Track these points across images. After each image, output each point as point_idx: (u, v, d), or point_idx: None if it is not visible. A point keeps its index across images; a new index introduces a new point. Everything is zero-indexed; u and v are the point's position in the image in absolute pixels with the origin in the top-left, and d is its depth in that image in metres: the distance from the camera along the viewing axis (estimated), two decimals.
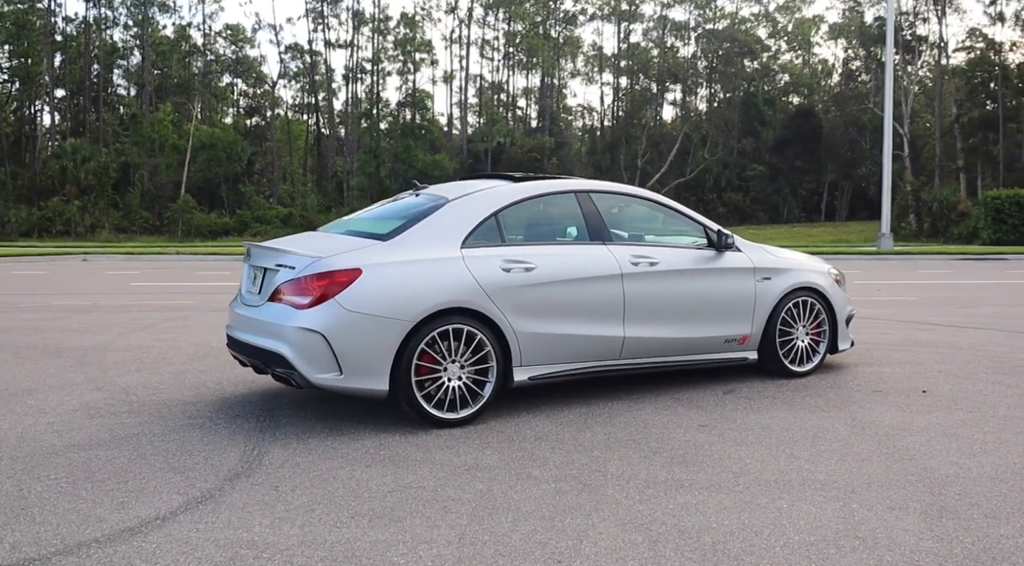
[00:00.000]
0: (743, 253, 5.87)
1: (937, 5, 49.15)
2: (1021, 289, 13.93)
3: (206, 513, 3.45)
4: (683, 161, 62.64)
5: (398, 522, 3.37)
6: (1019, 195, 28.99)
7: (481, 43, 63.74)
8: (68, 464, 4.10)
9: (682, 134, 62.68)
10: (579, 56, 69.21)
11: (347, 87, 61.62)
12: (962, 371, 6.31)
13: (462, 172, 56.75)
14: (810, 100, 66.64)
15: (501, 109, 64.71)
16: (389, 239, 4.81)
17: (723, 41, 64.27)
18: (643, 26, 67.31)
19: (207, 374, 6.30)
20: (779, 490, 3.74)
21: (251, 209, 50.84)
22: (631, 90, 67.60)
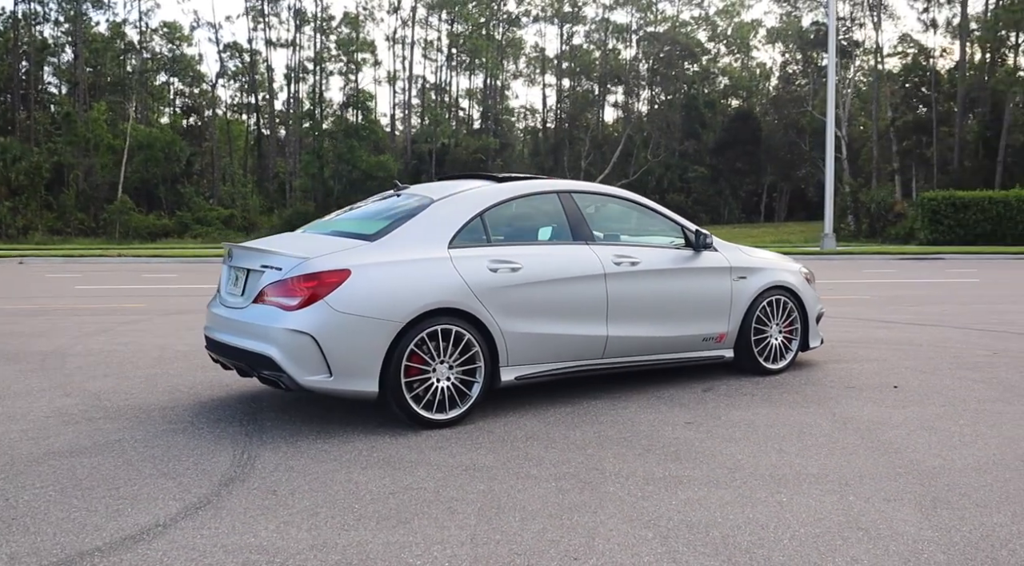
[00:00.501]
0: (719, 253, 5.96)
1: (873, 11, 50.52)
2: (962, 287, 14.41)
3: (207, 519, 3.38)
4: (626, 163, 63.31)
5: (405, 524, 3.34)
6: (955, 196, 29.98)
7: (424, 44, 63.51)
8: (52, 472, 3.97)
9: (625, 136, 63.38)
10: (521, 58, 69.44)
11: (289, 87, 60.86)
12: (927, 367, 6.51)
13: (406, 173, 56.39)
14: (749, 103, 67.96)
15: (444, 110, 64.52)
16: (376, 239, 4.77)
17: (664, 44, 65.11)
18: (585, 28, 67.86)
19: (179, 378, 6.16)
20: (776, 484, 3.81)
21: (191, 210, 49.82)
22: (573, 92, 68.04)
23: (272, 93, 61.55)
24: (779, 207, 63.16)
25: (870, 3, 51.70)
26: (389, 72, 62.61)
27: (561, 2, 65.65)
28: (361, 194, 52.97)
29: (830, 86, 27.73)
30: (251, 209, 52.64)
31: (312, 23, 59.35)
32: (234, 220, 50.91)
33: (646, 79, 67.76)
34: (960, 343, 7.73)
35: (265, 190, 57.46)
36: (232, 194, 54.33)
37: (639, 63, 68.06)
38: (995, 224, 29.29)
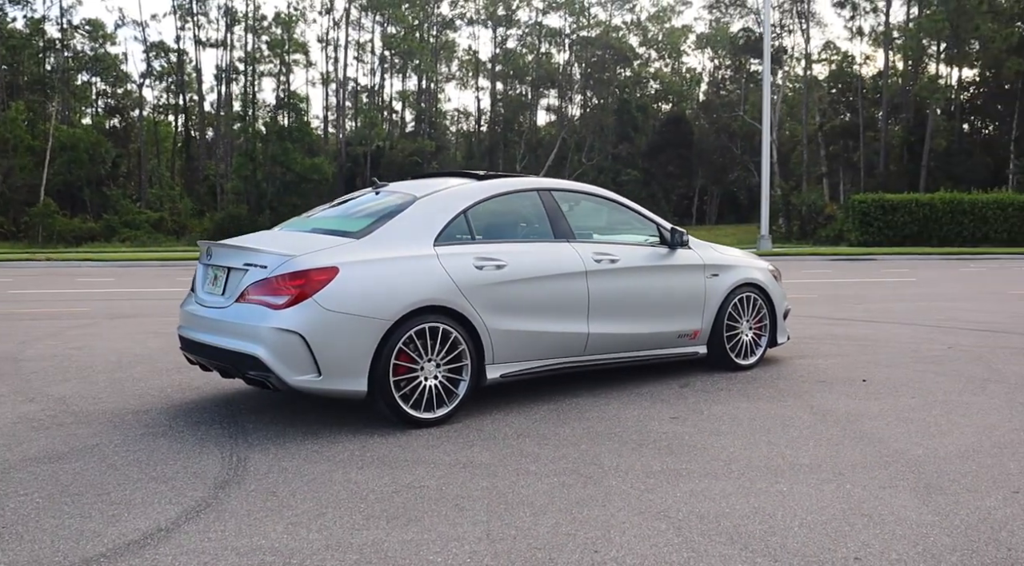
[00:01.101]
0: (693, 251, 6.05)
1: (801, 19, 51.93)
2: (900, 286, 14.91)
3: (211, 522, 3.29)
4: (561, 165, 63.79)
5: (416, 522, 3.30)
6: (884, 199, 30.99)
7: (357, 46, 62.92)
8: (34, 478, 3.81)
9: (560, 139, 63.85)
10: (454, 61, 69.31)
11: (219, 88, 59.60)
12: (889, 361, 6.70)
13: (341, 176, 55.79)
14: (680, 107, 69.13)
15: (378, 113, 64.00)
16: (362, 237, 4.71)
17: (596, 48, 65.82)
18: (518, 31, 68.11)
19: (145, 382, 5.97)
20: (772, 475, 3.88)
21: (119, 213, 48.37)
22: (506, 95, 68.25)
23: (201, 94, 60.21)
24: (710, 210, 64.39)
25: (798, 11, 53.16)
26: (322, 74, 61.71)
27: (495, 5, 65.77)
28: (296, 197, 52.49)
29: (765, 93, 28.40)
30: (181, 212, 51.38)
31: (243, 23, 58.27)
32: (164, 224, 49.60)
33: (579, 83, 68.37)
34: (914, 339, 7.99)
35: (195, 193, 56.12)
36: (160, 197, 52.96)
37: (572, 67, 68.66)
38: (922, 226, 30.38)
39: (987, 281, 16.24)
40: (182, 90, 60.53)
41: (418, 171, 55.27)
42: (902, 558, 2.96)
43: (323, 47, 61.52)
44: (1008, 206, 30.19)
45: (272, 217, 50.31)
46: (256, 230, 28.86)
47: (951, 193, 31.30)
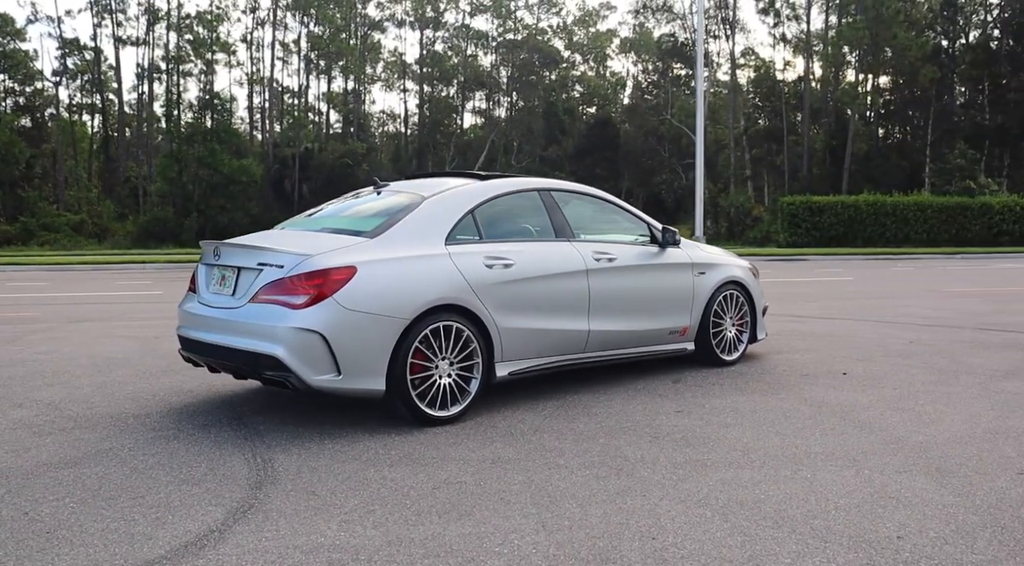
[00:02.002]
0: (681, 249, 6.21)
1: (725, 24, 53.20)
2: (839, 285, 15.47)
3: (261, 522, 3.27)
4: (490, 168, 64.00)
5: (468, 516, 3.34)
6: (811, 201, 32.05)
7: (284, 46, 61.95)
8: (58, 484, 3.72)
9: (489, 141, 64.03)
10: (380, 62, 68.81)
11: (140, 87, 57.95)
12: (861, 356, 6.99)
13: (269, 178, 54.82)
14: (607, 110, 70.10)
15: (305, 114, 63.09)
16: (375, 236, 4.71)
17: (523, 51, 66.25)
18: (445, 33, 68.03)
19: (133, 385, 5.83)
20: (792, 463, 4.04)
21: (36, 216, 46.61)
22: (433, 97, 68.09)
23: (121, 94, 58.38)
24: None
25: (723, 17, 54.46)
26: (249, 74, 60.56)
27: (423, 7, 65.58)
28: (224, 199, 51.34)
29: (699, 99, 29.02)
30: (103, 215, 49.79)
31: (165, 21, 56.73)
32: (85, 226, 48.00)
33: (506, 86, 68.68)
34: (875, 334, 8.33)
35: (116, 195, 54.38)
36: (79, 199, 51.17)
37: (498, 70, 68.92)
38: (847, 227, 31.51)
39: (919, 279, 16.96)
40: (100, 89, 58.60)
41: (349, 173, 54.76)
42: (940, 536, 3.13)
43: (248, 47, 60.31)
44: (927, 208, 31.56)
45: (200, 220, 49.16)
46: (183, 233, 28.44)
47: (874, 195, 32.56)
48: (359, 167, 55.88)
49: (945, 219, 31.50)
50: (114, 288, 15.55)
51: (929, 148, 45.18)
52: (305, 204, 55.62)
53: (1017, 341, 7.77)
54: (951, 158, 40.12)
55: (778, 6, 50.54)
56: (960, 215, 31.50)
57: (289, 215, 49.21)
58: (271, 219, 53.06)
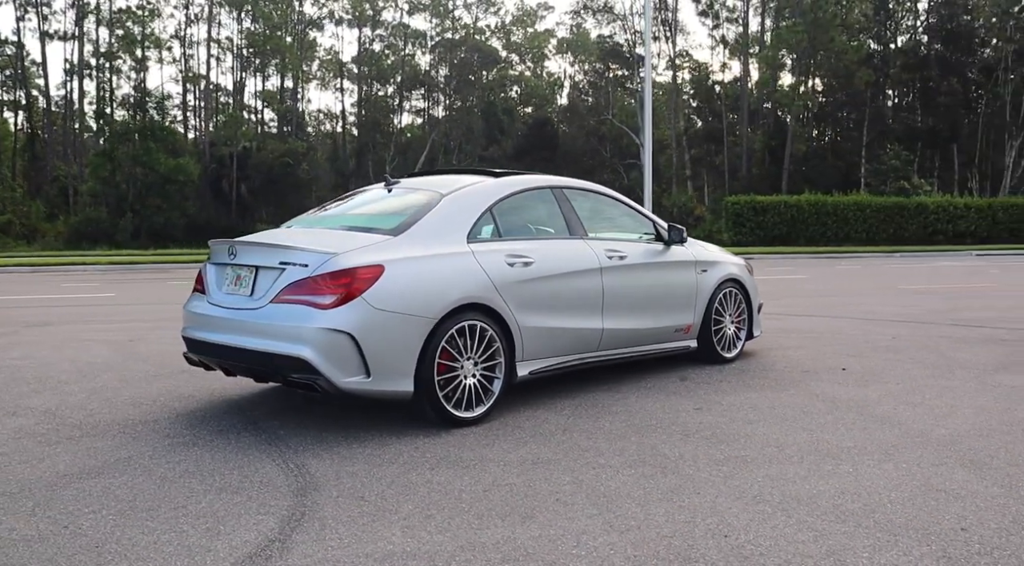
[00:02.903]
0: (685, 247, 6.22)
1: (666, 26, 53.91)
2: (797, 283, 15.81)
3: (320, 530, 3.15)
4: (431, 168, 63.76)
5: (531, 518, 3.28)
6: (755, 201, 32.67)
7: (217, 43, 60.67)
8: (87, 495, 3.53)
9: (430, 141, 63.69)
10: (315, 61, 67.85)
11: (70, 83, 56.10)
12: (851, 352, 7.12)
13: (206, 177, 53.60)
14: (546, 110, 70.43)
15: (242, 112, 61.87)
16: (399, 234, 4.60)
17: (461, 51, 66.12)
18: (382, 32, 67.41)
19: (127, 391, 5.60)
20: (830, 458, 4.07)
21: None
22: (371, 96, 67.42)
23: (48, 90, 56.43)
24: None
25: (663, 19, 55.19)
26: (184, 71, 59.10)
27: (361, 5, 64.90)
28: (159, 199, 49.97)
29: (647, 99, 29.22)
30: (31, 215, 48.01)
31: (94, 15, 54.96)
32: (12, 227, 46.21)
33: (444, 85, 68.41)
34: (855, 331, 8.50)
35: (44, 195, 52.50)
36: (3, 199, 49.23)
37: (435, 69, 68.63)
38: (790, 226, 32.21)
39: (869, 277, 17.41)
40: (23, 85, 56.47)
41: (289, 173, 53.88)
42: (1002, 527, 3.18)
43: (181, 43, 58.87)
44: (866, 208, 32.46)
45: (135, 220, 47.79)
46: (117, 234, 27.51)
47: (816, 196, 33.36)
48: (299, 167, 54.99)
49: (883, 219, 32.44)
50: (61, 291, 14.99)
51: (864, 149, 46.50)
52: (243, 204, 54.58)
53: (993, 336, 8.00)
54: (885, 159, 41.36)
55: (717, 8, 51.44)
56: (897, 215, 32.48)
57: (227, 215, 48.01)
58: (208, 219, 52.08)
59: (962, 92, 46.50)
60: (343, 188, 63.30)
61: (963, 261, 24.69)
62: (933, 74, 46.29)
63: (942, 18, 47.68)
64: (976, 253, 28.37)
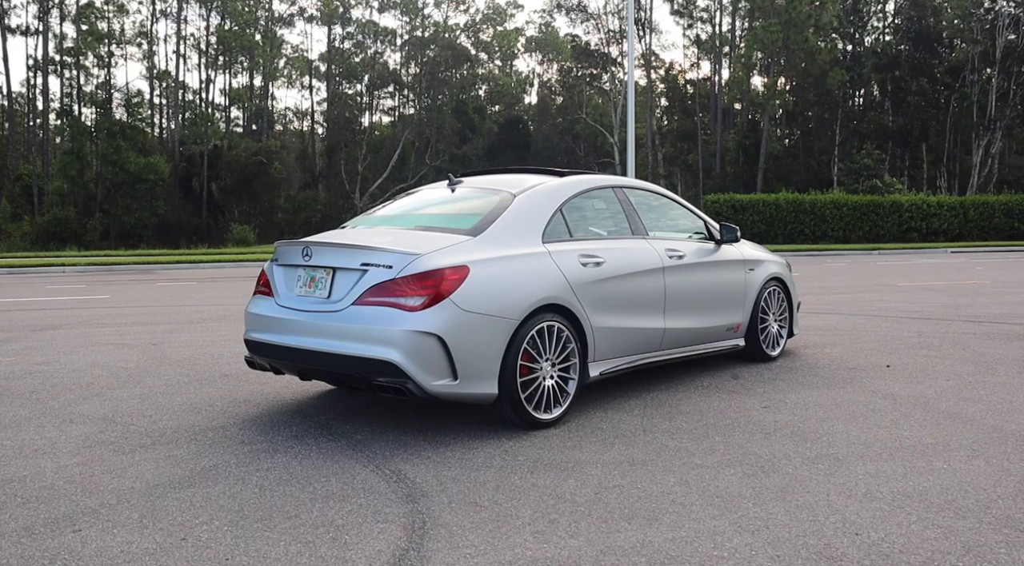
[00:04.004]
0: (733, 246, 6.24)
1: (639, 25, 54.13)
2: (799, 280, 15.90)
3: (450, 538, 3.10)
4: (403, 167, 63.46)
5: (656, 521, 3.26)
6: (734, 199, 32.94)
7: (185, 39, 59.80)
8: (190, 506, 3.44)
9: (402, 140, 63.36)
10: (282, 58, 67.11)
11: (34, 80, 54.92)
12: (887, 349, 7.19)
13: (176, 176, 52.85)
14: (516, 109, 70.46)
15: (213, 111, 61.05)
16: (478, 234, 4.55)
17: (431, 49, 65.88)
18: (353, 29, 66.90)
19: (180, 396, 5.48)
20: (919, 455, 4.09)
21: None
22: (340, 94, 66.90)
23: (9, 87, 55.23)
24: None
25: (636, 18, 55.43)
26: (150, 68, 58.14)
27: (332, 3, 64.36)
28: (129, 199, 49.18)
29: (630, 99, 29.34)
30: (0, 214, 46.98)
31: (59, 10, 53.88)
32: None
33: (415, 84, 68.07)
34: (877, 328, 8.59)
35: (8, 194, 51.36)
36: None
37: (407, 68, 68.28)
38: (768, 224, 32.52)
39: (862, 275, 17.62)
40: None
41: (262, 172, 53.24)
42: None
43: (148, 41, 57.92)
44: (843, 206, 32.89)
45: (104, 220, 46.99)
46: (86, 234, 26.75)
47: (793, 194, 33.71)
48: (272, 165, 54.38)
49: (859, 217, 32.90)
50: (49, 293, 14.64)
51: (837, 148, 47.12)
52: (215, 203, 53.86)
53: (1013, 332, 8.13)
54: (858, 158, 41.96)
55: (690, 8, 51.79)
56: (873, 213, 32.95)
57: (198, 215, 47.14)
58: (178, 219, 51.37)
59: (931, 92, 47.36)
60: (312, 187, 62.79)
61: (942, 258, 25.12)
62: (903, 74, 47.08)
63: (910, 20, 48.48)
64: (951, 250, 28.88)
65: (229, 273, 20.17)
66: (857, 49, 51.36)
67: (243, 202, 53.28)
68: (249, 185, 52.76)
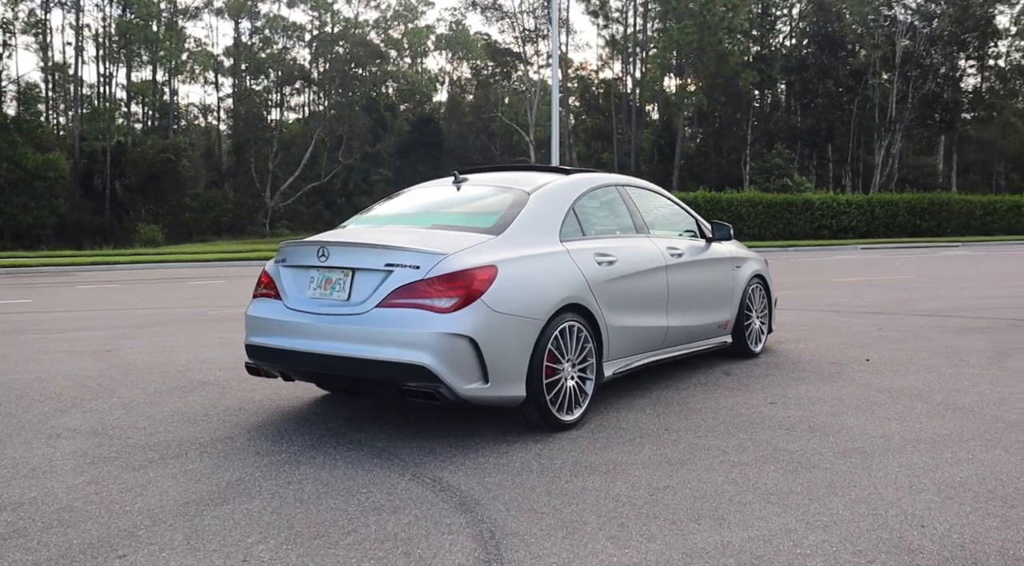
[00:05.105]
0: (722, 244, 6.29)
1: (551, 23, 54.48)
2: None
3: (526, 547, 3.01)
4: (317, 165, 62.35)
5: (724, 520, 3.24)
6: None
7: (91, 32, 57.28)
8: (232, 523, 3.24)
9: (314, 138, 62.18)
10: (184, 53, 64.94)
11: None
12: (857, 342, 7.38)
13: (76, 174, 50.51)
14: (429, 107, 70.11)
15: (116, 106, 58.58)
16: (500, 233, 4.44)
17: (340, 45, 64.91)
18: (261, 24, 65.25)
19: (166, 405, 5.18)
20: (940, 446, 4.19)
21: None
22: (248, 90, 65.20)
23: None
24: None
25: (549, 17, 55.80)
26: (49, 61, 55.40)
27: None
28: (27, 197, 46.68)
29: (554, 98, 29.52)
30: None
31: None
32: None
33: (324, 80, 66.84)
34: (838, 323, 8.83)
35: None
36: None
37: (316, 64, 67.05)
38: None
39: (793, 271, 18.14)
40: None
41: (170, 169, 51.32)
42: None
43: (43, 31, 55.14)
44: (759, 204, 33.84)
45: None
46: None
47: (710, 192, 34.48)
48: (180, 163, 52.50)
49: (773, 215, 33.91)
50: None
51: (749, 148, 48.50)
52: (119, 203, 51.71)
53: (966, 325, 8.47)
54: (769, 157, 43.30)
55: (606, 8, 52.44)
56: (786, 211, 34.03)
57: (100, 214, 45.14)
58: (79, 219, 49.11)
59: (836, 94, 49.24)
60: (219, 186, 60.96)
61: (854, 255, 26.10)
62: (810, 77, 48.82)
63: (815, 24, 50.29)
64: (861, 247, 30.05)
65: (149, 275, 19.38)
66: (763, 51, 52.97)
67: (150, 201, 51.36)
68: (156, 183, 50.88)
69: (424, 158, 63.69)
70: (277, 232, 56.43)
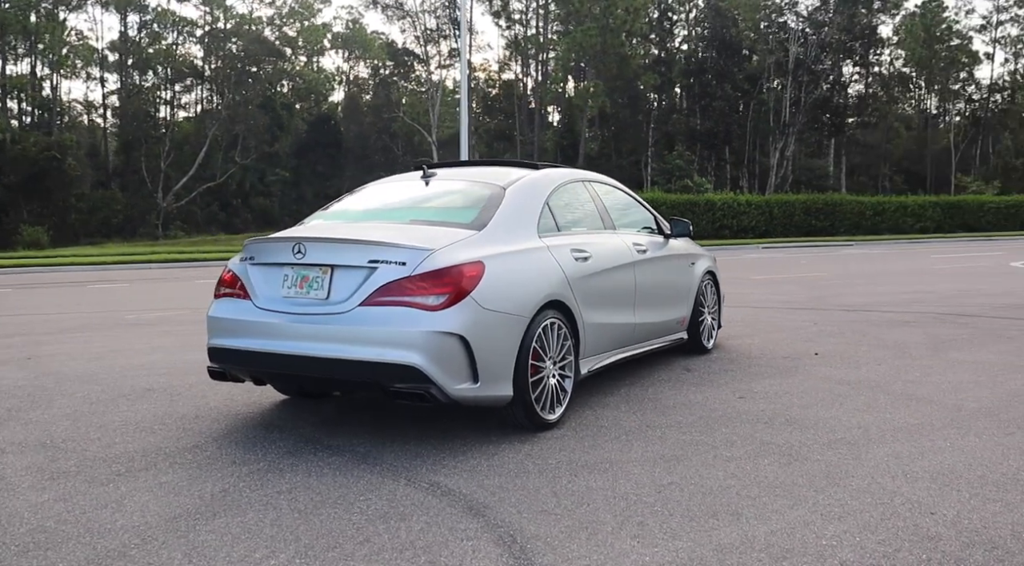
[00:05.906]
0: (680, 240, 6.32)
1: (455, 24, 54.35)
2: None
3: (553, 550, 2.91)
4: (212, 164, 60.44)
5: (739, 514, 3.22)
6: None
7: None
8: (232, 538, 3.03)
9: (209, 136, 60.18)
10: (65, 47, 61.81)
11: None
12: (798, 338, 7.55)
13: None
14: (326, 107, 68.94)
15: None
16: (482, 228, 4.31)
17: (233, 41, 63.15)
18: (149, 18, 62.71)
19: (114, 415, 4.83)
20: (918, 435, 4.30)
21: None
22: (135, 87, 62.58)
23: None
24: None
25: (451, 17, 55.65)
26: None
27: None
28: None
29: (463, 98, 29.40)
30: None
31: None
32: None
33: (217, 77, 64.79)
34: (773, 318, 9.04)
35: None
36: None
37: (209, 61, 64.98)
38: None
39: None
40: None
41: (56, 168, 48.67)
42: None
43: None
44: (662, 204, 34.41)
45: None
46: None
47: None
48: (65, 162, 49.87)
49: (677, 214, 34.65)
50: None
51: (650, 149, 49.51)
52: None
53: (897, 319, 8.79)
54: (670, 159, 44.33)
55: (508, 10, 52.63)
56: (689, 211, 34.83)
57: None
58: None
59: (733, 97, 50.80)
60: (106, 186, 58.28)
61: (757, 254, 26.95)
62: (708, 80, 50.21)
63: (713, 29, 51.78)
64: (762, 246, 31.05)
65: (42, 279, 18.32)
66: (663, 55, 54.21)
67: (33, 201, 48.64)
68: (40, 183, 48.22)
69: (322, 158, 62.61)
70: (171, 234, 54.44)
